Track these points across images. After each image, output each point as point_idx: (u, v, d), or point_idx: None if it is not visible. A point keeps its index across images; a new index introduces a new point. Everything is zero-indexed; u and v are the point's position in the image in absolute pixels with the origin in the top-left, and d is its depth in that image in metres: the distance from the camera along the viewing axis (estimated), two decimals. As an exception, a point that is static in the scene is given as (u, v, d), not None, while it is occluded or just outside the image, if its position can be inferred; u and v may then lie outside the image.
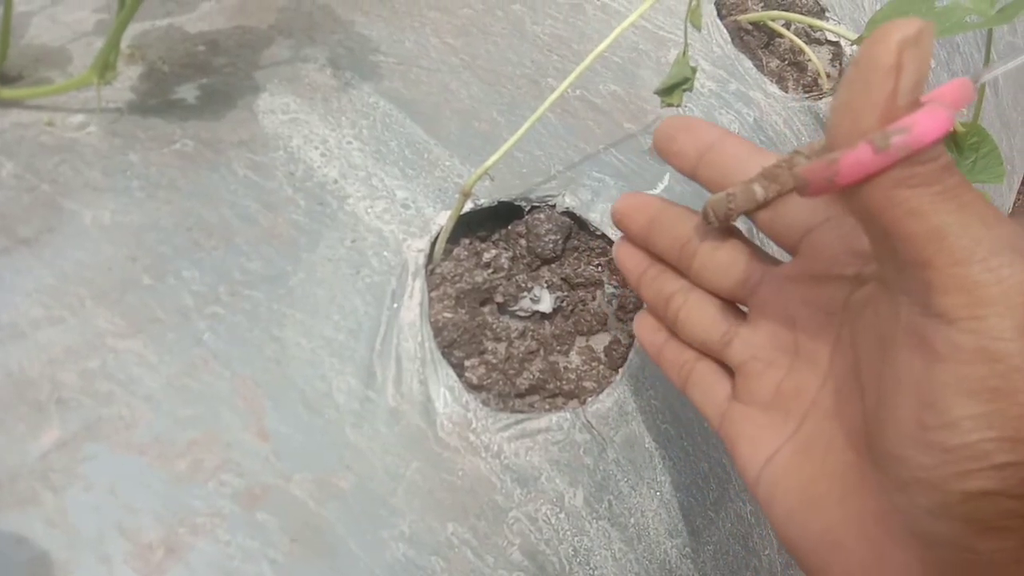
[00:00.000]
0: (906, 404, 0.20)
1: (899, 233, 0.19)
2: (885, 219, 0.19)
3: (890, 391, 0.21)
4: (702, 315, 0.30)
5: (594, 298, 0.43)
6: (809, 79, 0.61)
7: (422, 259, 0.37)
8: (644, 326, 0.34)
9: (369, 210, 0.37)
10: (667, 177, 0.47)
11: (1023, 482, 0.18)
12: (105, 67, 0.35)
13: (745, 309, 0.30)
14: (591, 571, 0.35)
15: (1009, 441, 0.18)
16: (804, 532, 0.24)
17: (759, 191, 0.25)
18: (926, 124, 0.18)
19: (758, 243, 0.31)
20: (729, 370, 0.30)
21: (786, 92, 0.59)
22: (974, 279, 0.18)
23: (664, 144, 0.30)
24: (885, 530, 0.21)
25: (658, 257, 0.32)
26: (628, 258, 0.33)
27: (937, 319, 0.19)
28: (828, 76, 0.61)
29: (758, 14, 0.60)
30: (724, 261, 0.29)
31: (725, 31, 0.58)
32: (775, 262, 0.29)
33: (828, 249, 0.25)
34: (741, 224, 0.30)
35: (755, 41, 0.61)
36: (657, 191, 0.46)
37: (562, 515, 0.35)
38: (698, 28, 0.41)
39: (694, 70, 0.42)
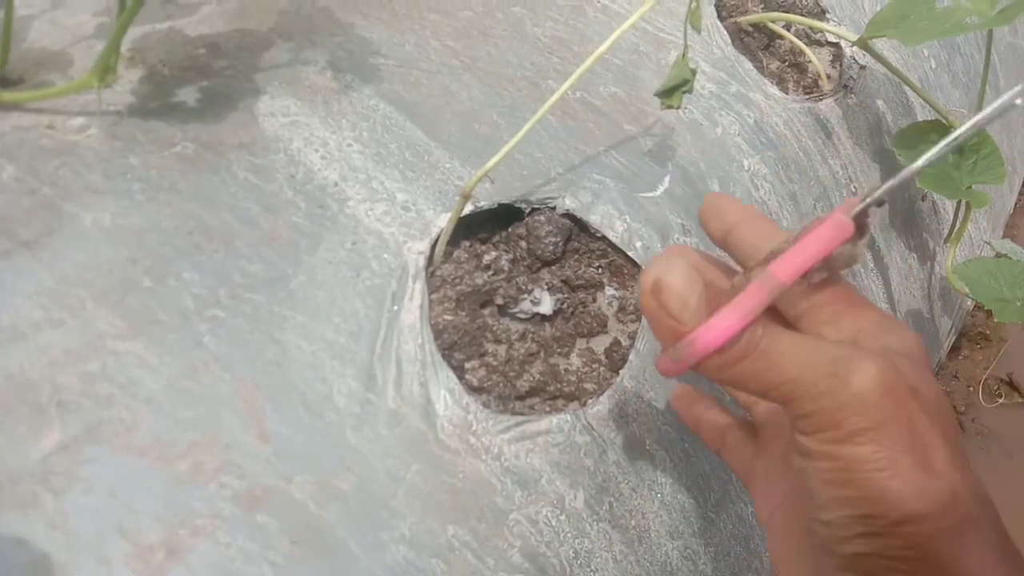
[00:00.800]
0: (800, 490, 0.25)
1: (737, 393, 0.26)
2: (723, 386, 0.25)
3: (793, 478, 0.26)
4: None
5: (594, 300, 0.43)
6: (809, 80, 0.61)
7: (422, 261, 0.37)
8: (682, 399, 0.37)
9: (369, 212, 0.37)
10: (667, 179, 0.47)
11: (886, 547, 0.23)
12: (105, 70, 0.35)
13: None
14: (592, 573, 0.35)
15: (860, 517, 0.23)
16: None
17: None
18: (705, 339, 0.23)
19: None
20: (755, 434, 0.34)
21: (786, 94, 0.59)
22: (806, 409, 0.23)
23: (703, 222, 0.32)
24: None
25: None
26: None
27: (797, 429, 0.24)
28: (828, 77, 0.62)
29: (758, 16, 0.61)
30: None
31: (725, 33, 0.58)
32: None
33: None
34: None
35: (755, 43, 0.61)
36: (656, 193, 0.46)
37: (563, 517, 0.35)
38: (698, 30, 0.41)
39: (694, 72, 0.42)
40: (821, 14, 0.65)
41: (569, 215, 0.42)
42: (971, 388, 0.75)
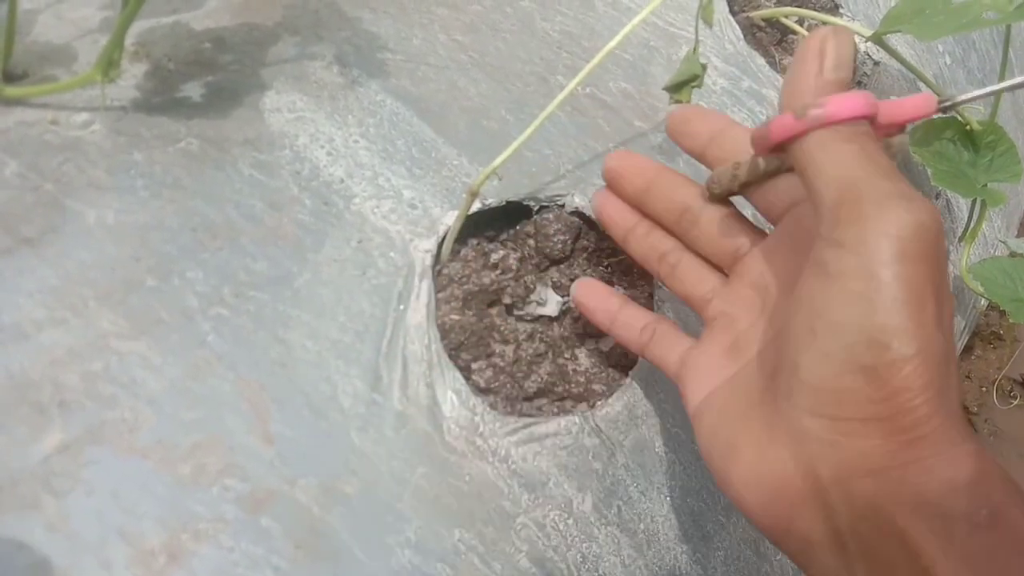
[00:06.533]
0: (803, 317, 0.25)
1: (822, 178, 0.25)
2: (813, 167, 0.25)
3: (791, 314, 0.26)
4: (695, 273, 0.34)
5: (603, 299, 0.42)
6: (822, 76, 0.60)
7: (429, 260, 0.36)
8: (591, 291, 0.37)
9: (376, 210, 0.37)
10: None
11: (881, 385, 0.23)
12: (109, 65, 0.35)
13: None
14: (600, 577, 0.35)
15: (870, 343, 0.23)
16: (717, 444, 0.29)
17: (762, 164, 0.30)
18: (838, 104, 0.24)
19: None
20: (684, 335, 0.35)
21: (799, 90, 0.58)
22: (867, 215, 0.23)
23: (679, 126, 0.34)
24: (769, 434, 0.26)
25: (645, 215, 0.36)
26: (617, 213, 0.36)
27: (835, 246, 0.24)
28: (842, 73, 0.61)
29: (771, 10, 0.60)
30: (722, 231, 0.33)
31: (738, 28, 0.58)
32: (762, 235, 0.33)
33: (804, 222, 0.29)
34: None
35: (768, 38, 0.60)
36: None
37: (570, 521, 0.34)
38: (709, 24, 0.40)
39: (704, 67, 0.41)
40: (835, 9, 0.64)
41: (578, 213, 0.41)
42: (984, 389, 0.74)
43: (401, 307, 0.35)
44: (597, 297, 0.37)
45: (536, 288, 0.40)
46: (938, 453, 0.23)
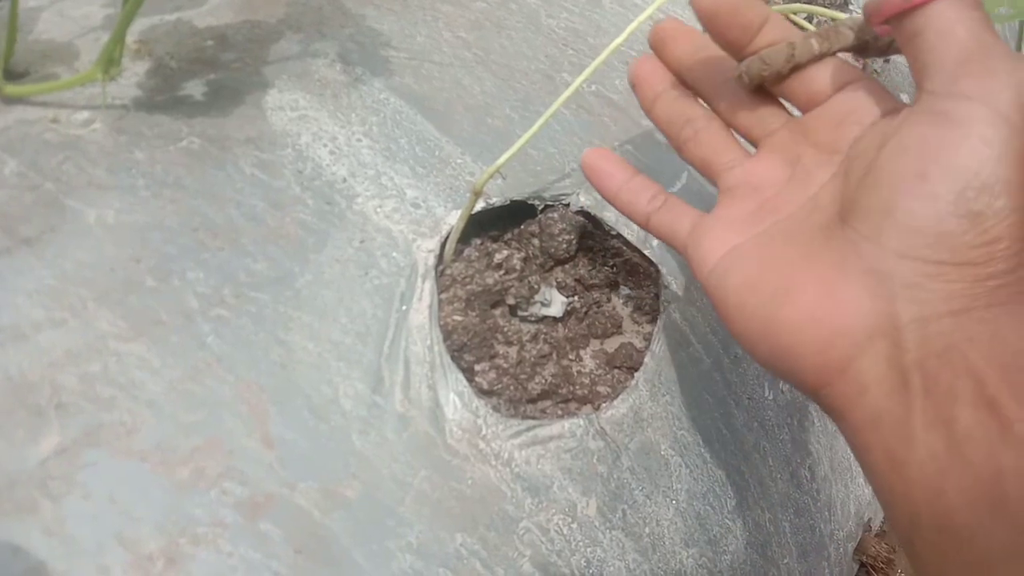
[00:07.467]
0: (909, 162, 0.26)
1: (951, 36, 0.25)
2: (938, 27, 0.26)
3: (890, 159, 0.26)
4: (720, 140, 0.33)
5: (609, 300, 0.42)
6: (832, 74, 0.59)
7: (432, 260, 0.36)
8: (597, 159, 0.35)
9: (378, 209, 0.37)
10: (684, 175, 0.45)
11: (983, 231, 0.24)
12: (109, 63, 0.35)
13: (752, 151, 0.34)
14: (604, 582, 0.34)
15: (983, 189, 0.24)
16: (762, 288, 0.28)
17: (816, 45, 0.30)
18: None
19: None
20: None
21: (808, 87, 0.57)
22: (998, 70, 0.24)
23: (728, 17, 0.31)
24: (840, 272, 0.26)
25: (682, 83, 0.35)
26: (653, 75, 0.35)
27: (961, 99, 0.25)
28: (852, 71, 0.60)
29: (780, 7, 0.59)
30: (757, 103, 0.33)
31: (746, 24, 0.57)
32: (792, 118, 0.33)
33: (851, 103, 0.30)
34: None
35: (777, 35, 0.59)
36: (674, 189, 0.45)
37: (574, 525, 0.34)
38: (718, 22, 0.40)
39: (714, 65, 0.40)
40: (844, 5, 0.63)
41: (583, 212, 0.41)
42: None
43: (403, 308, 0.34)
44: (608, 161, 0.35)
45: (540, 288, 0.39)
46: (1017, 301, 0.24)
